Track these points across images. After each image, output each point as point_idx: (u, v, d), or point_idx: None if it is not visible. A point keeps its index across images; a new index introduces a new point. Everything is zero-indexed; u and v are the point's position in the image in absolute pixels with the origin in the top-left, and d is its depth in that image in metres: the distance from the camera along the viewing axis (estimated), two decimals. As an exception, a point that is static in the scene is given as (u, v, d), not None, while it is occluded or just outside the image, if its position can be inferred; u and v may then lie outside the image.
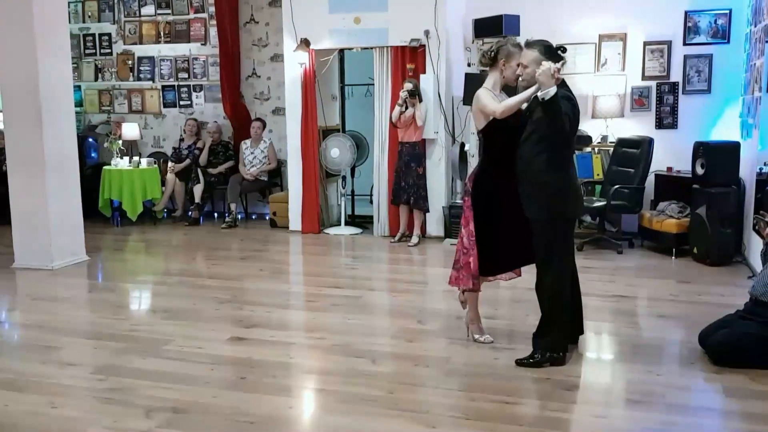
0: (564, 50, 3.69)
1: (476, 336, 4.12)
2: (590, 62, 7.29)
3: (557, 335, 3.77)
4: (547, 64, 3.44)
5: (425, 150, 7.11)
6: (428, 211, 7.15)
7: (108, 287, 5.75)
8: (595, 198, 6.81)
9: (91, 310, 5.08)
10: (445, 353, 3.99)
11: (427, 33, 6.99)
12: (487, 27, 6.63)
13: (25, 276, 5.90)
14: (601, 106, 7.24)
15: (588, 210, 6.69)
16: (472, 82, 6.50)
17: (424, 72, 7.05)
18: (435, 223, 7.32)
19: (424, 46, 7.03)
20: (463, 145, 7.02)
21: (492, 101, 3.72)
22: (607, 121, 7.21)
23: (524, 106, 3.75)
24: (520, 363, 3.76)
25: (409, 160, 6.99)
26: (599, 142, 7.23)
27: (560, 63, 3.49)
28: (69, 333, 4.44)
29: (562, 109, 3.46)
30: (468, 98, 6.64)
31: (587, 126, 7.27)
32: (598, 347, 4.16)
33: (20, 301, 5.36)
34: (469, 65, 6.94)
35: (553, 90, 3.43)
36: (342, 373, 3.69)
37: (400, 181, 7.03)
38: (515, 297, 5.04)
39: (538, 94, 3.49)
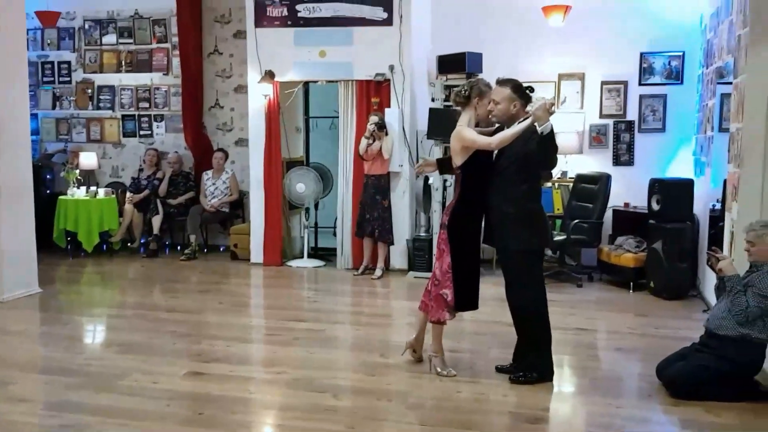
0: (532, 90, 3.92)
1: (439, 369, 4.11)
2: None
3: (548, 356, 3.96)
4: (541, 100, 3.63)
5: (390, 183, 7.14)
6: (392, 243, 7.15)
7: (61, 320, 5.55)
8: (555, 232, 6.91)
9: (43, 344, 4.91)
10: (408, 387, 3.96)
11: (392, 68, 7.08)
12: (450, 64, 6.76)
13: (-27, 308, 5.69)
14: (560, 143, 7.35)
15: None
16: (437, 117, 6.61)
17: (389, 106, 7.13)
18: (399, 256, 7.32)
19: (389, 80, 7.11)
20: (427, 178, 7.07)
21: (480, 136, 3.87)
22: (566, 157, 7.37)
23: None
24: (514, 380, 3.93)
25: (374, 193, 7.01)
26: (559, 178, 7.38)
27: (552, 98, 3.63)
28: (20, 368, 4.27)
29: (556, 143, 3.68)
30: (433, 132, 6.74)
31: (547, 161, 7.41)
32: (559, 380, 4.17)
33: (-33, 335, 5.15)
34: (433, 100, 7.05)
35: (550, 124, 3.61)
36: (303, 408, 3.62)
37: (365, 214, 7.04)
38: (478, 330, 5.04)
39: (538, 128, 3.62)
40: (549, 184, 7.31)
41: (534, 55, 7.42)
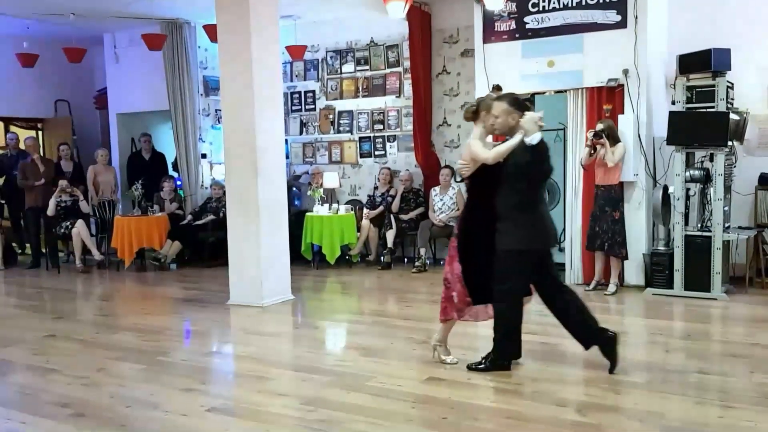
0: (530, 101, 4.41)
1: (443, 357, 4.50)
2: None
3: (503, 347, 4.31)
4: (530, 114, 3.99)
5: (623, 193, 6.77)
6: (626, 258, 6.76)
7: (311, 324, 6.10)
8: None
9: (297, 345, 5.42)
10: (659, 408, 3.70)
11: (626, 72, 6.73)
12: (693, 63, 6.26)
13: (238, 312, 6.44)
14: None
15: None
16: (679, 121, 6.16)
17: (623, 112, 6.78)
18: (634, 271, 6.90)
19: (623, 85, 6.77)
20: (666, 188, 6.60)
21: (483, 150, 4.15)
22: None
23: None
24: (470, 368, 4.33)
25: (603, 204, 6.70)
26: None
27: (541, 112, 4.03)
28: (279, 365, 4.76)
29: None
30: (674, 138, 6.29)
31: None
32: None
33: (235, 335, 5.85)
34: (673, 103, 6.55)
35: (538, 136, 3.94)
36: (547, 422, 3.55)
37: (594, 226, 6.75)
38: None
39: (525, 140, 3.95)
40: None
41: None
